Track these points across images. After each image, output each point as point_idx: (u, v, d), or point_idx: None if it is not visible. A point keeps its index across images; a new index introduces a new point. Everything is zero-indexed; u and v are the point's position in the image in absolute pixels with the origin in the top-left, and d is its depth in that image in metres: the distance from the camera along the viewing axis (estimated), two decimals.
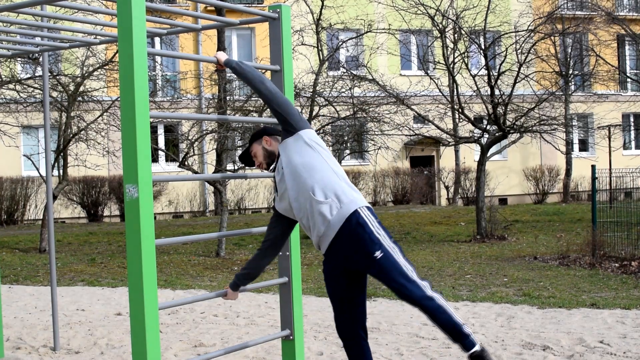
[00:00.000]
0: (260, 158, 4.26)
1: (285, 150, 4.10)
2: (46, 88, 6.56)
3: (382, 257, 3.86)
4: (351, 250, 3.94)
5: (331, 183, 3.97)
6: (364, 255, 3.89)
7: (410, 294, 3.84)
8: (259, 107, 14.39)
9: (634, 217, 11.70)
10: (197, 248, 14.69)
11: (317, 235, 4.01)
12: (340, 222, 3.91)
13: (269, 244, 4.28)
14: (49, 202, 6.84)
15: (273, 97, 4.15)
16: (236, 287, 4.33)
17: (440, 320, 3.83)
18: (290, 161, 4.06)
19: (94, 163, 16.67)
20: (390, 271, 3.86)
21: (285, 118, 4.11)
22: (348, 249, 3.94)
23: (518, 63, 15.15)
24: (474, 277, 10.38)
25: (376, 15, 21.81)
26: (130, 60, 3.79)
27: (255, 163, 4.32)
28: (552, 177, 26.74)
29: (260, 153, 4.26)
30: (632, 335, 6.52)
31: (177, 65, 23.60)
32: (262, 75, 4.25)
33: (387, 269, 3.86)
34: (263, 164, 4.26)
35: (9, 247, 15.35)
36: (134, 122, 3.79)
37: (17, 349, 6.51)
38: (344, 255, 3.98)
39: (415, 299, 3.85)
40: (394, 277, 3.86)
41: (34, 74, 14.88)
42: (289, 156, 4.07)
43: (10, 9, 4.54)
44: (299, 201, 4.03)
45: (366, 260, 3.90)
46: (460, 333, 3.84)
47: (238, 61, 4.28)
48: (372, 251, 3.87)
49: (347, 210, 3.92)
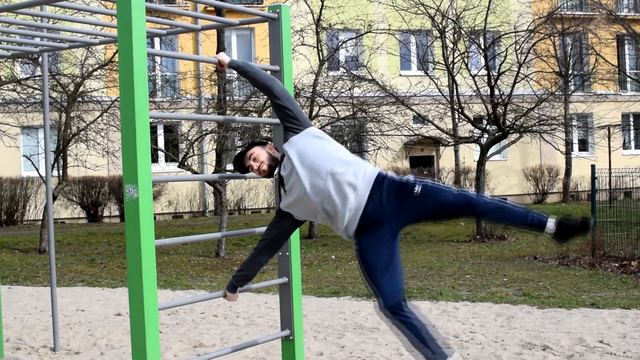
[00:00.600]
0: (263, 159, 4.20)
1: (293, 145, 4.09)
2: (46, 88, 6.56)
3: (422, 189, 3.94)
4: (391, 201, 3.95)
5: (348, 158, 4.05)
6: (407, 194, 3.94)
7: (467, 198, 3.94)
8: (258, 107, 14.39)
9: (634, 217, 11.69)
10: (197, 248, 14.69)
11: (349, 209, 3.95)
12: (370, 182, 3.96)
13: (265, 243, 4.26)
14: (48, 202, 6.84)
15: (286, 95, 4.22)
16: (233, 289, 4.30)
17: (507, 213, 3.94)
18: (301, 151, 4.05)
19: (94, 163, 16.67)
20: (438, 193, 3.94)
21: (295, 115, 4.17)
22: (387, 200, 3.95)
23: (518, 63, 15.15)
24: (474, 277, 10.37)
25: (376, 15, 21.81)
26: (130, 60, 3.79)
27: (254, 166, 4.21)
28: (552, 177, 26.74)
29: (264, 156, 4.21)
30: (632, 335, 6.52)
31: (177, 65, 23.59)
32: (270, 75, 4.30)
33: (434, 193, 3.94)
34: (264, 165, 4.19)
35: (8, 247, 15.34)
36: (134, 122, 3.78)
37: (17, 350, 6.51)
38: (383, 210, 3.96)
39: (474, 201, 3.94)
40: (444, 196, 3.94)
41: (34, 74, 14.88)
42: (300, 148, 4.06)
43: (10, 9, 4.54)
44: (317, 185, 3.98)
45: (410, 198, 3.94)
46: (532, 218, 3.94)
47: (243, 62, 4.32)
48: (412, 188, 3.94)
49: (373, 173, 4.00)
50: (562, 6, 22.31)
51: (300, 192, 4.04)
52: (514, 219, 3.96)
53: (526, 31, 15.67)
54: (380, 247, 4.00)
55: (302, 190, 4.02)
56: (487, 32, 15.95)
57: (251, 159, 4.23)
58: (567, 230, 3.92)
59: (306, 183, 3.99)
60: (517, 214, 3.95)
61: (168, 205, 23.90)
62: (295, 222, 4.26)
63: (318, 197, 3.99)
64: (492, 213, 3.96)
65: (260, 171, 4.21)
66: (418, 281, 10.09)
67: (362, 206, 3.95)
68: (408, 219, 4.02)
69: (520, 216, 3.94)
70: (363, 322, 7.41)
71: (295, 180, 4.04)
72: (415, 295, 8.92)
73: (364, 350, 6.20)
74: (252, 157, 4.23)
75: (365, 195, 3.95)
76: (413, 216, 4.01)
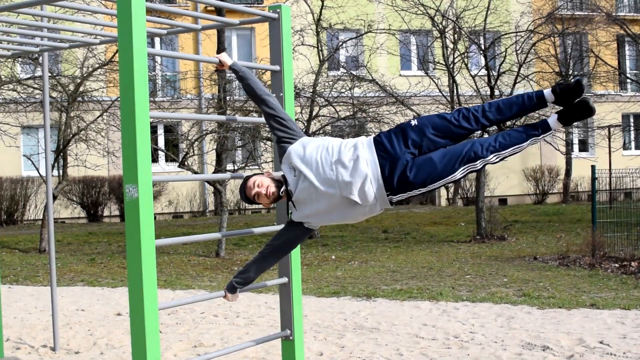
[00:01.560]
0: (268, 182, 4.05)
1: (294, 153, 4.04)
2: (46, 88, 6.56)
3: (418, 119, 4.04)
4: (395, 143, 3.98)
5: (344, 143, 4.06)
6: (406, 129, 4.00)
7: (464, 109, 4.02)
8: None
9: (634, 217, 11.69)
10: (197, 248, 14.69)
11: (369, 180, 3.92)
12: (371, 146, 4.00)
13: (271, 249, 4.19)
14: (48, 202, 6.84)
15: (280, 108, 4.22)
16: (233, 290, 4.26)
17: (506, 106, 4.08)
18: (304, 156, 4.01)
19: (94, 163, 16.67)
20: (434, 116, 4.04)
21: (290, 125, 4.15)
22: (392, 146, 3.98)
23: (518, 64, 15.15)
24: (474, 277, 10.37)
25: (376, 15, 21.81)
26: (130, 60, 3.79)
27: (261, 192, 4.04)
28: (552, 177, 26.72)
29: (267, 180, 4.08)
30: (632, 335, 6.52)
31: (177, 65, 23.59)
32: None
33: (430, 117, 4.04)
34: (271, 187, 4.04)
35: (9, 247, 15.35)
36: (134, 122, 3.78)
37: (17, 349, 6.51)
38: (395, 153, 3.97)
39: (471, 109, 4.03)
40: (441, 115, 4.03)
41: (34, 74, 14.88)
42: (301, 154, 4.03)
43: (10, 9, 4.54)
44: (330, 179, 3.93)
45: (411, 132, 3.99)
46: (529, 98, 4.08)
47: (245, 67, 4.32)
48: (408, 122, 4.04)
49: (370, 139, 4.07)
50: (562, 6, 22.29)
51: (314, 194, 3.98)
52: (516, 109, 4.07)
53: (526, 31, 15.67)
54: (421, 164, 3.97)
55: (315, 190, 3.97)
56: (487, 32, 15.94)
57: (255, 187, 4.07)
58: (563, 93, 4.02)
59: (318, 182, 3.95)
60: (515, 103, 4.07)
61: (168, 205, 23.90)
62: (304, 231, 4.18)
63: (335, 189, 3.93)
64: (492, 114, 4.04)
65: (269, 194, 4.05)
66: (418, 281, 10.10)
67: (377, 168, 3.95)
68: (420, 147, 4.03)
69: (518, 103, 4.07)
70: (363, 322, 7.41)
71: (307, 185, 3.98)
72: (415, 295, 8.92)
73: (364, 350, 6.20)
74: (255, 185, 4.08)
75: (374, 158, 3.96)
76: (422, 145, 4.02)
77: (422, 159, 3.97)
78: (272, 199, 4.09)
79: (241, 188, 4.18)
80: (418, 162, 3.96)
